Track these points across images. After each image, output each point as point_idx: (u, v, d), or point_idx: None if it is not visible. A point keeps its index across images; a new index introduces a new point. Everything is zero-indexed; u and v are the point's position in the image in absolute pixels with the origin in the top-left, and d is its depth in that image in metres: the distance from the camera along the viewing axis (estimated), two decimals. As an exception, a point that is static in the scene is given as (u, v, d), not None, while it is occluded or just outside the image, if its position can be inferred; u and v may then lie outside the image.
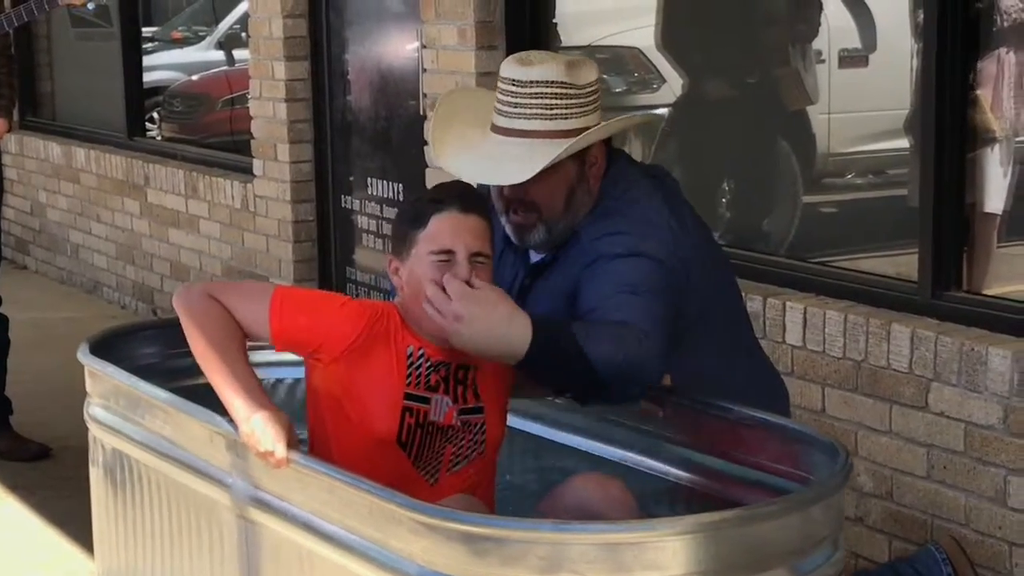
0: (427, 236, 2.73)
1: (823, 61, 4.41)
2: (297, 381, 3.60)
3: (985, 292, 3.85)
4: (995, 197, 3.86)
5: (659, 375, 2.83)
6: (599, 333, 2.71)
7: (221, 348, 2.83)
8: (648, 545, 2.32)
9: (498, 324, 2.64)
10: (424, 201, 2.79)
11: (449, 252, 2.70)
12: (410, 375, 2.78)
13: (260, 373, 3.47)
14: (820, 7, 4.40)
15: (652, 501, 2.96)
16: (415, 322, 2.78)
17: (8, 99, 5.28)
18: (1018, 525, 3.57)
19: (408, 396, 2.77)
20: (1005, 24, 3.76)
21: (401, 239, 2.79)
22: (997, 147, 3.82)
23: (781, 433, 2.81)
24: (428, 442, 2.79)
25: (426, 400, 2.78)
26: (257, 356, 3.27)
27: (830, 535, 2.52)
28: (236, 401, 2.75)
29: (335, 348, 2.77)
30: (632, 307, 2.76)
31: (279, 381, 3.64)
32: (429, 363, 2.79)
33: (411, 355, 2.78)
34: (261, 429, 2.68)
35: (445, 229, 2.73)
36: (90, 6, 5.12)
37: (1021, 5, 3.75)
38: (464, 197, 2.76)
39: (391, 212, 5.74)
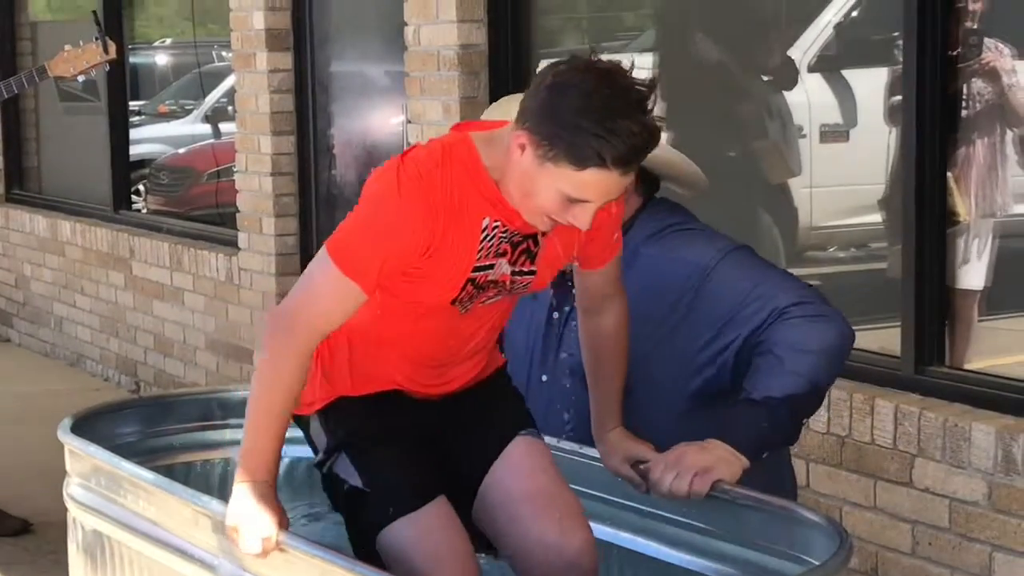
0: (574, 180, 2.36)
1: (804, 136, 4.43)
2: (297, 459, 3.56)
3: (967, 367, 3.85)
4: (974, 273, 3.88)
5: (843, 322, 2.90)
6: (786, 376, 2.78)
7: (266, 413, 2.60)
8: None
9: (735, 458, 2.73)
10: (590, 137, 2.32)
11: (586, 201, 2.40)
12: (481, 248, 2.50)
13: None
14: (801, 83, 4.41)
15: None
16: (505, 193, 2.47)
17: None
18: (1004, 601, 3.54)
19: (475, 268, 2.51)
20: (977, 107, 3.80)
21: (550, 139, 2.35)
22: (974, 224, 3.84)
23: (778, 513, 2.75)
24: (477, 293, 2.58)
25: (491, 267, 2.54)
26: (239, 434, 3.21)
27: (831, 616, 2.47)
28: (238, 477, 2.61)
29: (417, 257, 2.48)
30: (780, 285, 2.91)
31: (294, 460, 3.59)
32: (504, 234, 2.52)
33: (485, 228, 2.49)
34: (246, 527, 2.54)
35: (596, 185, 2.37)
36: (80, 79, 5.11)
37: (991, 89, 3.79)
38: (637, 154, 2.36)
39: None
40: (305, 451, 3.57)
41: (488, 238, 2.50)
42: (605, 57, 2.42)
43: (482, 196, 2.47)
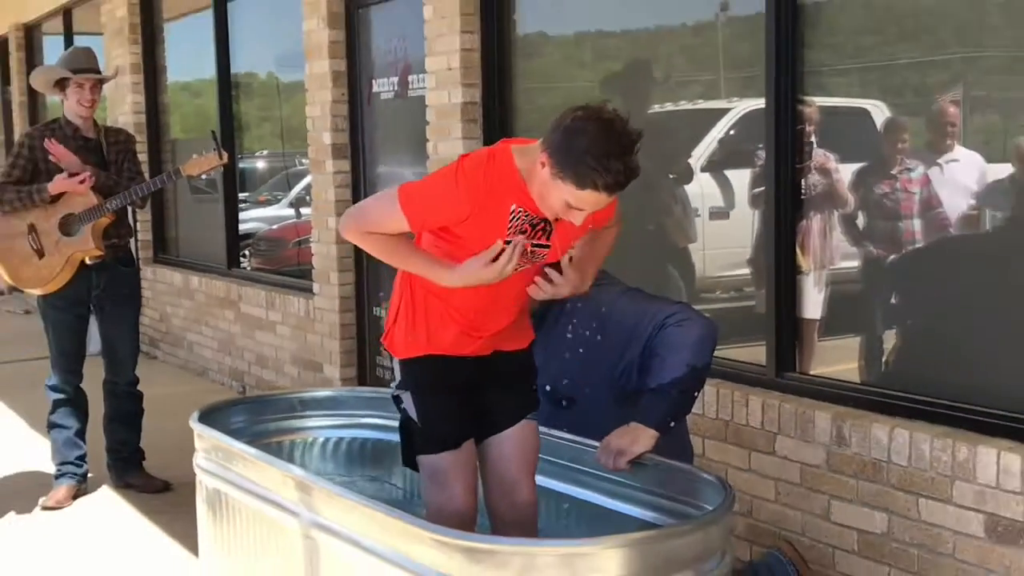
0: (575, 195, 2.36)
1: (699, 215, 4.43)
2: (365, 440, 3.53)
3: (811, 373, 3.84)
4: (814, 307, 3.86)
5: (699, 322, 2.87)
6: (670, 367, 2.77)
7: (401, 256, 2.57)
8: (595, 555, 2.26)
9: (647, 434, 2.75)
10: (589, 170, 2.32)
11: (580, 209, 2.42)
12: (510, 225, 2.48)
13: (325, 434, 3.37)
14: (696, 179, 4.42)
15: (595, 524, 2.89)
16: (530, 188, 2.45)
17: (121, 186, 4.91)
18: (837, 534, 3.52)
19: (506, 241, 2.50)
20: (813, 194, 3.80)
21: (561, 165, 2.35)
22: (812, 274, 3.83)
23: (683, 473, 2.75)
24: None
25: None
26: (326, 420, 3.16)
27: (720, 546, 2.45)
28: (450, 272, 2.53)
29: (455, 222, 2.49)
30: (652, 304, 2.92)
31: (352, 439, 3.56)
32: (526, 216, 2.47)
33: (513, 211, 2.47)
34: (477, 273, 2.49)
35: (589, 200, 2.37)
36: (203, 178, 5.11)
37: (822, 182, 3.77)
38: (620, 185, 2.36)
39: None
40: (354, 432, 3.59)
41: (515, 218, 2.48)
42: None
43: (512, 190, 2.46)
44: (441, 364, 2.67)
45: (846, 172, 3.76)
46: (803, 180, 3.79)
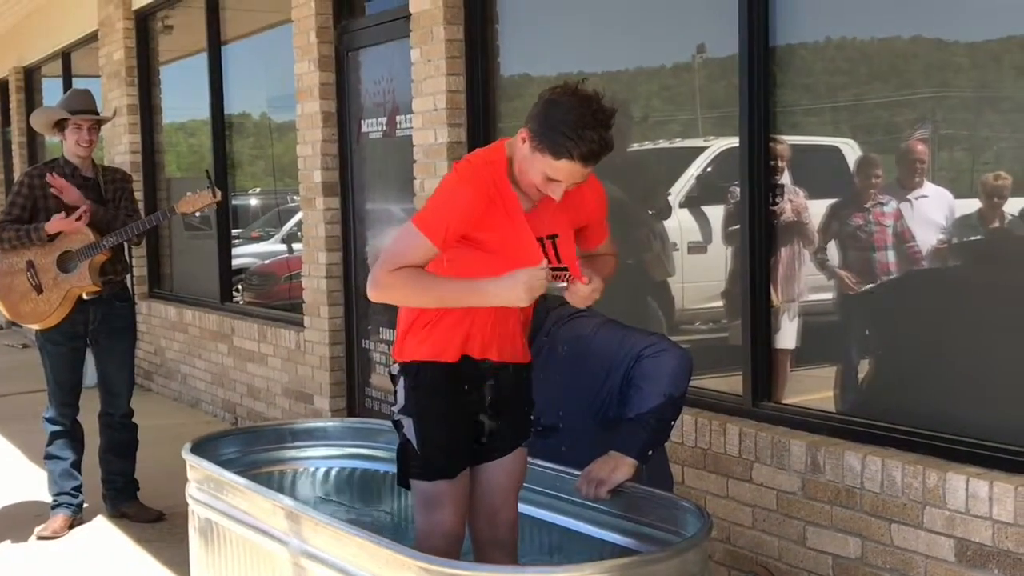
0: (551, 166, 2.37)
1: (677, 249, 4.44)
2: (354, 469, 3.51)
3: (785, 402, 3.84)
4: (788, 339, 3.86)
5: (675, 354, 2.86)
6: (648, 397, 2.75)
7: (434, 289, 2.47)
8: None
9: (627, 462, 2.72)
10: (565, 140, 2.33)
11: (558, 181, 2.40)
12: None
13: (315, 464, 3.34)
14: (675, 215, 4.44)
15: (576, 550, 2.88)
16: (514, 175, 2.44)
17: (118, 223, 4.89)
18: (813, 559, 3.50)
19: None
20: (785, 231, 3.82)
21: (539, 136, 2.37)
22: (787, 306, 3.83)
23: (663, 501, 2.74)
24: None
25: None
26: (316, 451, 3.14)
27: (699, 571, 2.45)
28: (482, 290, 2.44)
29: (475, 221, 2.43)
30: (630, 336, 2.90)
31: (341, 469, 3.53)
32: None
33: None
34: (516, 285, 2.39)
35: (565, 171, 2.38)
36: (197, 215, 5.11)
37: (793, 219, 3.79)
38: (594, 156, 2.36)
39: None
40: (343, 462, 3.57)
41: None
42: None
43: (499, 176, 2.43)
44: (448, 388, 2.60)
45: (818, 208, 3.77)
46: (776, 215, 3.81)
